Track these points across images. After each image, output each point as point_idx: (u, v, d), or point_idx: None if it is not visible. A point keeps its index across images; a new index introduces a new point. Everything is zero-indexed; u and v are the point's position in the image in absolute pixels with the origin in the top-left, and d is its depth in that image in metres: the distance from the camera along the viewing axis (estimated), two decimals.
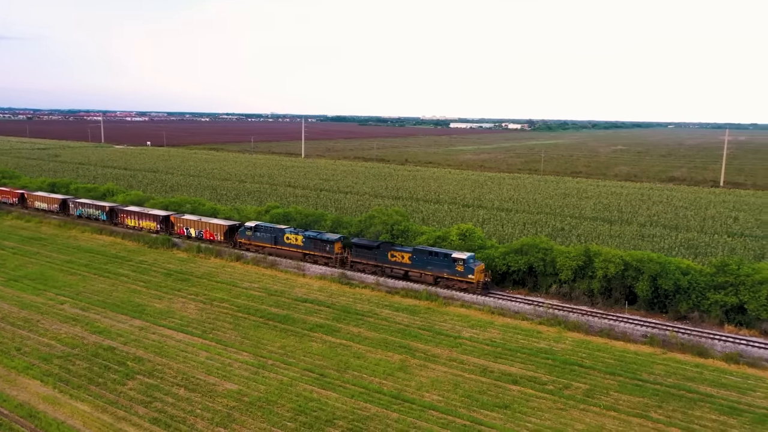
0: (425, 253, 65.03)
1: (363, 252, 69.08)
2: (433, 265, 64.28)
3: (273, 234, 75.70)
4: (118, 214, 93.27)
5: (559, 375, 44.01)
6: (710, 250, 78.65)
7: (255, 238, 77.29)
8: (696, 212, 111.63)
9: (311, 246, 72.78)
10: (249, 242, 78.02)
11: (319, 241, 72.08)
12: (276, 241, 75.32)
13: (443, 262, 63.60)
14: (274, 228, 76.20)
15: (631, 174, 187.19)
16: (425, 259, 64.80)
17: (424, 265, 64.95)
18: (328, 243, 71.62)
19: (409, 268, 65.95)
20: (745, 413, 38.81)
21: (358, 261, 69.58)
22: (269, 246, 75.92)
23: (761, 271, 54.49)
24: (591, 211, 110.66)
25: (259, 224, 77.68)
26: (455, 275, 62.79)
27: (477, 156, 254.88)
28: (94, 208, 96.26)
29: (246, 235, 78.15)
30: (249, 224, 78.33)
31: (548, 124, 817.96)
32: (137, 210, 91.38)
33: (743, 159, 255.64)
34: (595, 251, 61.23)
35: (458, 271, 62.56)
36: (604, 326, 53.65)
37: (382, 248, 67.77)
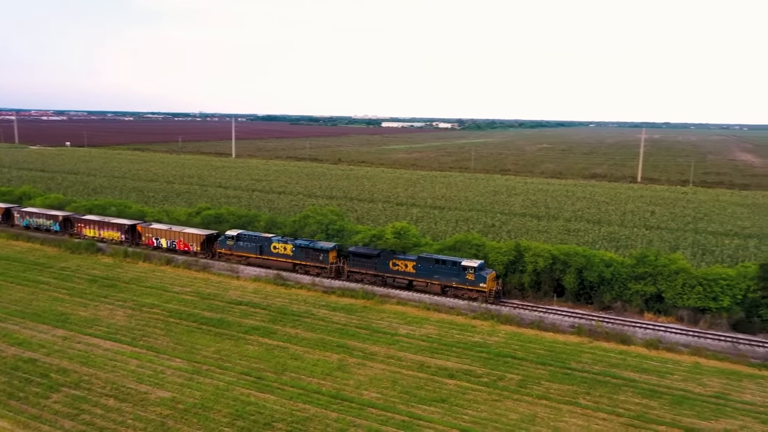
0: (431, 261, 61.90)
1: (361, 261, 65.38)
2: (441, 273, 61.26)
3: (258, 243, 70.88)
4: (74, 224, 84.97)
5: (493, 367, 45.27)
6: (630, 243, 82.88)
7: (237, 248, 72.31)
8: (616, 207, 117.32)
9: (302, 255, 68.38)
10: (230, 252, 73.03)
11: (312, 250, 67.75)
12: (261, 251, 70.63)
13: (451, 270, 60.71)
14: (260, 237, 71.46)
15: (557, 171, 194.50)
16: (431, 268, 61.76)
17: (430, 274, 61.93)
18: (321, 252, 67.36)
19: (414, 277, 62.84)
20: (665, 395, 41.24)
21: (356, 271, 65.81)
22: (254, 256, 71.16)
23: (676, 262, 58.01)
24: (520, 208, 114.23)
25: (243, 233, 72.90)
26: (465, 284, 60.04)
27: (409, 155, 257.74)
28: (45, 218, 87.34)
29: (227, 245, 73.11)
30: (230, 233, 73.37)
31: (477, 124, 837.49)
32: (97, 219, 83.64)
33: (658, 156, 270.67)
34: (525, 246, 63.31)
35: (468, 279, 59.81)
36: (535, 318, 55.62)
37: (382, 257, 64.26)
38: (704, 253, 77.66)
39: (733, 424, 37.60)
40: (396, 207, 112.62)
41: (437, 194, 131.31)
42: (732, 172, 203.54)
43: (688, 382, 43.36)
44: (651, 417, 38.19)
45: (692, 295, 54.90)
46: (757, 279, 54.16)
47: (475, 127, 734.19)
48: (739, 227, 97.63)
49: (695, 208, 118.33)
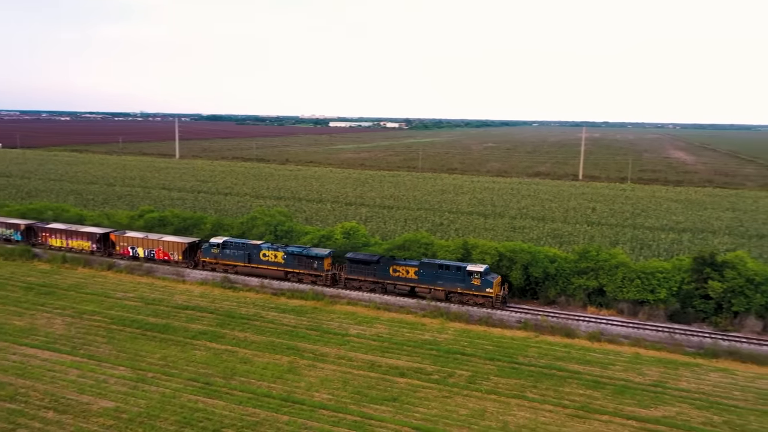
0: (434, 267, 60.22)
1: (360, 268, 63.03)
2: (445, 279, 59.71)
3: (246, 251, 67.42)
4: (38, 234, 79.11)
5: (443, 364, 45.81)
6: (573, 239, 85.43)
7: (223, 256, 68.57)
8: (560, 204, 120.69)
9: (295, 263, 65.36)
10: (215, 261, 69.10)
11: (305, 257, 64.87)
12: (250, 259, 67.16)
13: (456, 275, 59.29)
14: (248, 244, 67.94)
15: (502, 170, 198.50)
16: (434, 273, 60.12)
17: (433, 279, 60.22)
18: (316, 259, 64.50)
19: (416, 283, 60.90)
20: (607, 386, 42.72)
21: (354, 278, 63.44)
22: (241, 265, 67.59)
23: (616, 256, 60.19)
24: (467, 206, 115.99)
25: (229, 240, 68.97)
26: (471, 289, 58.77)
27: (357, 155, 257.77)
28: (5, 227, 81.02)
29: (211, 254, 69.22)
30: (215, 241, 69.43)
31: (424, 123, 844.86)
32: (64, 228, 78.10)
33: (598, 154, 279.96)
34: (473, 244, 64.34)
35: (474, 284, 58.58)
36: (483, 315, 56.60)
37: (382, 263, 62.23)
38: (642, 248, 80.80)
39: (670, 410, 39.28)
40: (345, 207, 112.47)
41: (386, 194, 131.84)
42: (666, 169, 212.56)
43: (628, 372, 45.03)
44: (594, 407, 39.48)
45: (631, 288, 57.05)
46: (691, 271, 56.75)
47: (422, 126, 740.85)
48: (674, 222, 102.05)
49: (633, 204, 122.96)
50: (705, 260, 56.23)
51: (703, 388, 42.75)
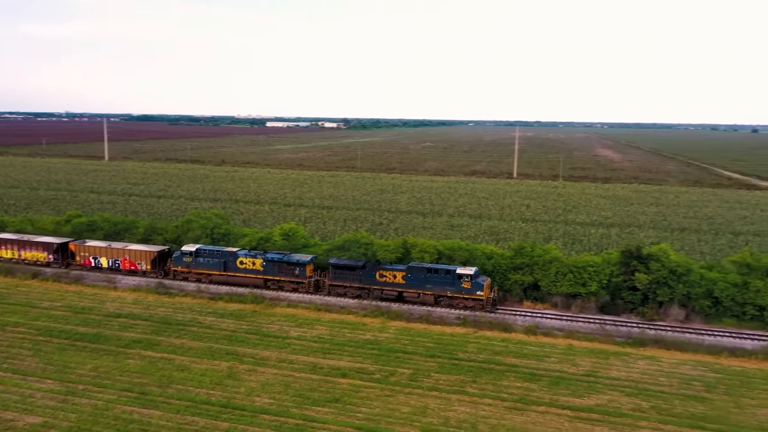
0: (422, 271, 59.34)
1: (344, 274, 61.54)
2: (434, 283, 58.92)
3: (221, 259, 64.75)
4: None
5: (384, 363, 46.06)
6: (509, 236, 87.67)
7: (197, 264, 65.58)
8: (495, 202, 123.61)
9: (275, 270, 63.26)
10: (188, 270, 66.12)
11: (286, 264, 62.87)
12: (226, 267, 64.56)
13: (445, 279, 58.52)
14: (223, 252, 65.26)
15: (439, 169, 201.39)
16: (423, 277, 59.18)
17: (421, 284, 59.28)
18: (297, 266, 62.59)
19: (404, 288, 59.87)
20: (543, 377, 44.10)
21: (338, 284, 61.85)
22: (217, 273, 64.82)
23: (550, 252, 62.19)
24: (406, 205, 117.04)
25: (202, 248, 66.10)
26: (461, 293, 58.08)
27: (295, 155, 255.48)
28: None
29: (184, 262, 66.13)
30: (187, 248, 66.19)
31: (363, 123, 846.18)
32: (16, 238, 72.85)
33: (531, 153, 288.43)
34: (412, 243, 64.98)
35: (464, 288, 57.85)
36: (423, 313, 57.27)
37: (368, 268, 60.91)
38: (574, 243, 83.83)
39: (602, 398, 40.96)
40: (284, 208, 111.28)
41: (325, 194, 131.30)
42: (595, 167, 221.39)
43: (563, 364, 46.64)
44: (531, 399, 40.68)
45: (564, 283, 59.08)
46: (619, 264, 59.34)
47: (360, 126, 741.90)
48: (603, 217, 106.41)
49: (565, 201, 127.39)
50: (632, 253, 58.90)
51: (632, 375, 44.78)
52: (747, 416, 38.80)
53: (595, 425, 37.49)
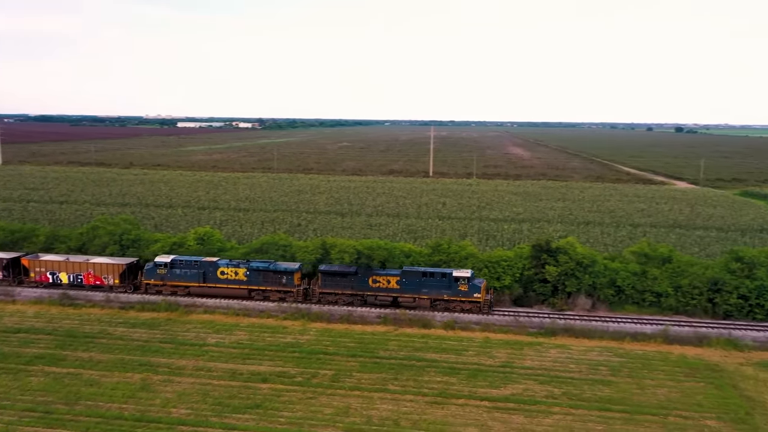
0: (417, 275, 58.48)
1: (335, 280, 59.79)
2: (430, 287, 58.19)
3: (200, 269, 61.42)
4: None
5: (306, 366, 45.74)
6: (426, 233, 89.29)
7: (173, 276, 62.01)
8: (413, 200, 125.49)
9: (260, 280, 60.72)
10: (162, 283, 62.40)
11: (272, 272, 60.50)
12: (205, 278, 61.38)
13: (441, 282, 57.89)
14: (202, 262, 61.92)
15: (357, 168, 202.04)
16: (418, 282, 58.35)
17: (417, 288, 58.42)
18: (284, 274, 60.26)
19: (399, 293, 58.91)
20: (462, 371, 45.33)
21: (329, 292, 60.12)
22: (195, 285, 61.59)
23: (466, 248, 64.00)
24: (324, 206, 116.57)
25: (178, 258, 62.53)
26: (458, 296, 57.63)
27: (209, 156, 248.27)
28: None
29: (157, 275, 62.36)
30: (161, 259, 62.60)
31: (278, 123, 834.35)
32: None
33: (446, 152, 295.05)
34: (331, 243, 64.87)
35: (461, 291, 57.41)
36: (344, 313, 57.31)
37: (360, 274, 59.42)
38: (488, 239, 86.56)
39: (518, 388, 42.63)
40: (198, 211, 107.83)
41: (241, 196, 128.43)
42: (507, 164, 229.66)
43: (480, 356, 48.12)
44: (451, 392, 41.71)
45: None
46: (531, 258, 61.95)
47: (276, 126, 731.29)
48: (515, 213, 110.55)
49: (479, 198, 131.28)
50: (542, 247, 61.64)
51: (545, 364, 46.88)
52: (648, 396, 41.60)
53: (512, 414, 38.96)
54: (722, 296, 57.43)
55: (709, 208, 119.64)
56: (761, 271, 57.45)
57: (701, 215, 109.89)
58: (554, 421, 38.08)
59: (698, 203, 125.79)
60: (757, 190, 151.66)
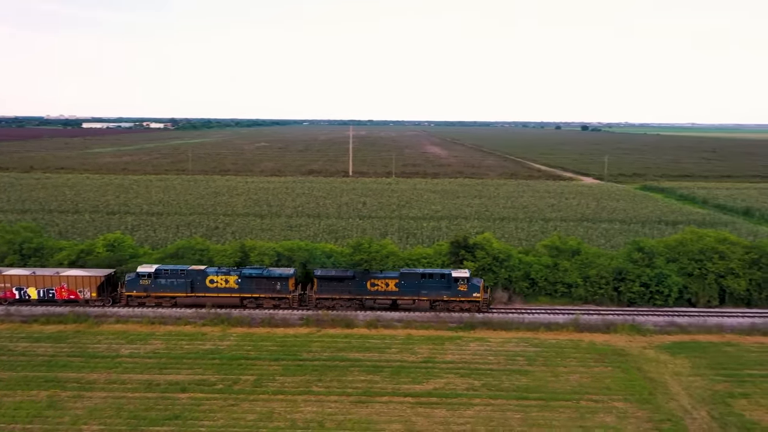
0: (416, 277, 58.20)
1: (332, 285, 58.57)
2: (429, 288, 58.00)
3: (188, 278, 58.49)
4: None
5: (227, 372, 44.62)
6: (347, 233, 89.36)
7: (157, 287, 58.66)
8: (333, 200, 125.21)
9: (252, 287, 58.45)
10: (146, 294, 58.92)
11: (266, 279, 58.33)
12: (193, 288, 58.54)
13: (441, 283, 57.86)
14: (189, 270, 58.93)
15: (276, 169, 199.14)
16: (417, 283, 58.08)
17: (416, 290, 58.14)
18: (279, 280, 58.30)
19: (398, 295, 58.53)
20: (386, 368, 45.72)
21: (326, 297, 58.74)
22: (182, 295, 58.68)
23: (386, 247, 64.43)
24: (243, 208, 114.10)
25: (163, 268, 59.04)
26: (457, 296, 57.79)
27: (118, 158, 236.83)
28: None
29: (140, 286, 58.78)
30: (144, 270, 58.93)
31: (192, 123, 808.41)
32: None
33: (365, 151, 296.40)
34: (251, 246, 63.63)
35: (461, 291, 57.65)
36: (265, 316, 56.38)
37: (358, 278, 58.53)
38: (408, 237, 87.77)
39: (440, 382, 43.50)
40: (107, 217, 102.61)
41: (154, 199, 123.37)
42: (425, 163, 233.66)
43: (403, 353, 48.72)
44: (375, 390, 41.99)
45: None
46: (449, 254, 63.41)
47: (190, 127, 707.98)
48: (434, 211, 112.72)
49: (398, 196, 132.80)
50: (460, 244, 63.23)
51: (465, 357, 48.13)
52: (562, 383, 43.62)
53: (434, 408, 39.72)
54: (626, 285, 61.10)
55: (612, 201, 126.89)
56: (660, 260, 61.62)
57: (606, 209, 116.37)
58: (475, 413, 39.18)
59: (603, 197, 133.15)
60: (655, 184, 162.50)
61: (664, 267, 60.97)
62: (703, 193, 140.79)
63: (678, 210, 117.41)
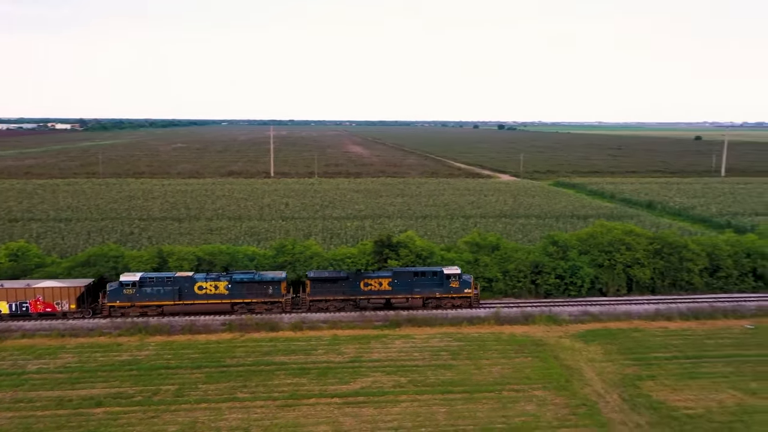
0: (409, 275, 58.91)
1: (326, 287, 58.35)
2: (422, 286, 58.88)
3: (175, 285, 56.56)
4: None
5: (146, 383, 42.87)
6: (270, 235, 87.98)
7: (142, 296, 56.25)
8: (254, 202, 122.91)
9: (243, 292, 57.33)
10: (130, 304, 56.32)
11: (257, 283, 57.46)
12: (181, 296, 56.59)
13: (433, 280, 58.90)
14: (176, 277, 56.87)
15: (194, 171, 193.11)
16: (410, 282, 58.77)
17: (409, 288, 58.77)
18: (271, 284, 57.56)
19: (391, 294, 58.89)
20: (312, 370, 45.42)
21: (320, 299, 58.42)
22: (170, 304, 56.62)
23: (310, 248, 64.21)
24: (159, 212, 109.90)
25: (148, 276, 56.79)
26: (450, 293, 58.91)
27: (20, 162, 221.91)
28: None
29: (124, 296, 56.13)
30: (127, 278, 56.24)
31: (102, 124, 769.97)
32: None
33: (287, 152, 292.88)
34: (169, 251, 61.48)
35: (453, 287, 58.79)
36: (186, 323, 54.60)
37: (351, 279, 58.61)
38: (332, 237, 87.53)
39: (366, 381, 43.68)
40: (9, 224, 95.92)
41: (61, 205, 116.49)
42: (347, 162, 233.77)
43: (329, 354, 48.57)
44: (302, 393, 41.63)
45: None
46: (373, 253, 63.77)
47: (100, 127, 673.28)
48: (357, 210, 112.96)
49: (321, 197, 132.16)
50: (383, 242, 63.74)
51: (391, 355, 48.59)
52: (485, 375, 44.91)
53: (362, 407, 39.86)
54: (543, 277, 63.71)
55: (529, 198, 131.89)
56: (573, 252, 64.68)
57: (523, 205, 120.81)
58: (402, 409, 39.64)
59: (520, 194, 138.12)
60: (566, 180, 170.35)
61: (577, 259, 64.02)
62: (610, 188, 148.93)
63: (588, 204, 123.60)
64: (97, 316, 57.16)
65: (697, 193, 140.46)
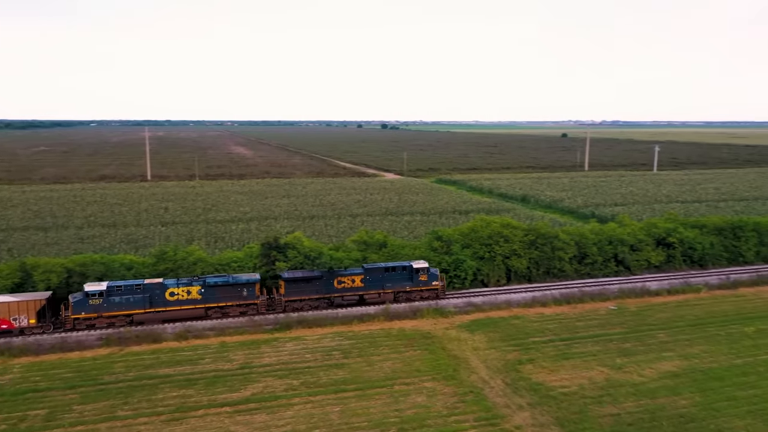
0: (380, 271, 60.54)
1: (301, 287, 58.65)
2: (393, 281, 60.74)
3: (146, 293, 54.52)
4: None
5: (10, 410, 39.10)
6: (149, 242, 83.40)
7: (110, 306, 53.65)
8: (130, 207, 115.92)
9: (217, 296, 56.41)
10: (97, 315, 53.50)
11: (231, 286, 56.69)
12: (152, 302, 54.59)
13: (403, 275, 61.09)
14: (146, 284, 54.78)
15: (60, 175, 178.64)
16: (382, 277, 60.47)
17: (380, 283, 60.47)
18: (246, 286, 57.04)
19: (364, 291, 60.24)
20: (200, 381, 43.70)
21: (295, 299, 58.63)
22: (140, 312, 54.54)
23: (193, 253, 61.65)
24: (20, 221, 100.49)
25: (115, 284, 54.16)
26: (419, 286, 61.42)
27: None
28: None
29: (90, 307, 53.14)
30: (92, 288, 53.32)
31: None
32: None
33: (165, 153, 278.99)
34: (33, 264, 56.43)
35: (422, 281, 61.34)
36: (56, 341, 50.45)
37: (325, 277, 59.25)
38: (217, 241, 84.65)
39: (258, 387, 42.76)
40: None
41: None
42: (230, 164, 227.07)
43: (217, 363, 46.98)
44: (190, 405, 39.93)
45: None
46: (261, 256, 62.48)
47: None
48: (242, 213, 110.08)
49: (204, 200, 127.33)
50: (271, 245, 62.62)
51: (282, 358, 47.92)
52: (376, 371, 45.56)
53: (254, 414, 38.98)
54: None
55: (413, 195, 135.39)
56: (456, 246, 67.29)
57: (407, 202, 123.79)
58: (295, 412, 39.23)
59: (404, 191, 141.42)
60: (448, 177, 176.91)
61: (460, 253, 66.65)
62: (488, 184, 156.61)
63: (469, 200, 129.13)
64: (62, 330, 53.52)
65: (565, 186, 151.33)
